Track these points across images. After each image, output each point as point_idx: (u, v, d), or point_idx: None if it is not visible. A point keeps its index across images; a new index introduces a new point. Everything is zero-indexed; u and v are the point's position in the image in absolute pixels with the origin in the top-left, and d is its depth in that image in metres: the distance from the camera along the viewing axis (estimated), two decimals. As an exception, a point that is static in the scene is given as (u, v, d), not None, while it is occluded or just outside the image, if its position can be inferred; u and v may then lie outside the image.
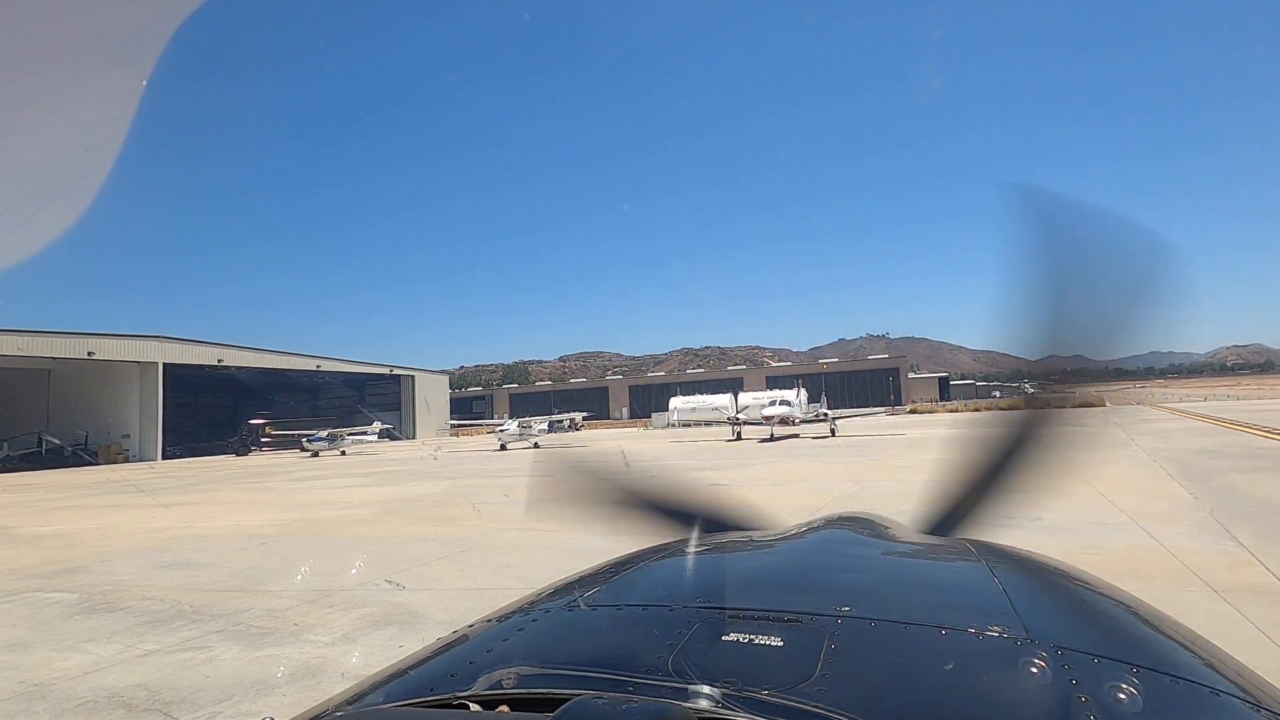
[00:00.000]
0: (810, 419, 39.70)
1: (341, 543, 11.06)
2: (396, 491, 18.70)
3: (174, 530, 13.26)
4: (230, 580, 8.52)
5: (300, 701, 4.60)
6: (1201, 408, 43.28)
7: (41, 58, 1.41)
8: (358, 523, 13.15)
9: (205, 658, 5.62)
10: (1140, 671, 0.96)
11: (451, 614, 6.45)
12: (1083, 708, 0.87)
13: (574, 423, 62.38)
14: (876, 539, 1.86)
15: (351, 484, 22.02)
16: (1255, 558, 7.08)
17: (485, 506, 14.40)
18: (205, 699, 4.75)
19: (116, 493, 23.02)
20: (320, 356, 62.10)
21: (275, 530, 12.66)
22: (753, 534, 2.00)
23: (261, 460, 43.12)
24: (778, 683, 0.95)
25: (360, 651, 5.59)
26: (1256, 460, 15.75)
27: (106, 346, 45.72)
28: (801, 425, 38.93)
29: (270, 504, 17.48)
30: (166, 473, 33.97)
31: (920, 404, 74.22)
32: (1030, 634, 1.06)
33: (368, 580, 8.09)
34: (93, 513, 17.18)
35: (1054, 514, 9.39)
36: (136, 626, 6.64)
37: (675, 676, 0.99)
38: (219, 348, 53.36)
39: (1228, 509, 9.80)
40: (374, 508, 15.31)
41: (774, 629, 1.12)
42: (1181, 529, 8.68)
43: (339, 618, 6.58)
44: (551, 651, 1.20)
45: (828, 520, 2.11)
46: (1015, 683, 0.95)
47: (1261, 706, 0.95)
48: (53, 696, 4.93)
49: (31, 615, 7.29)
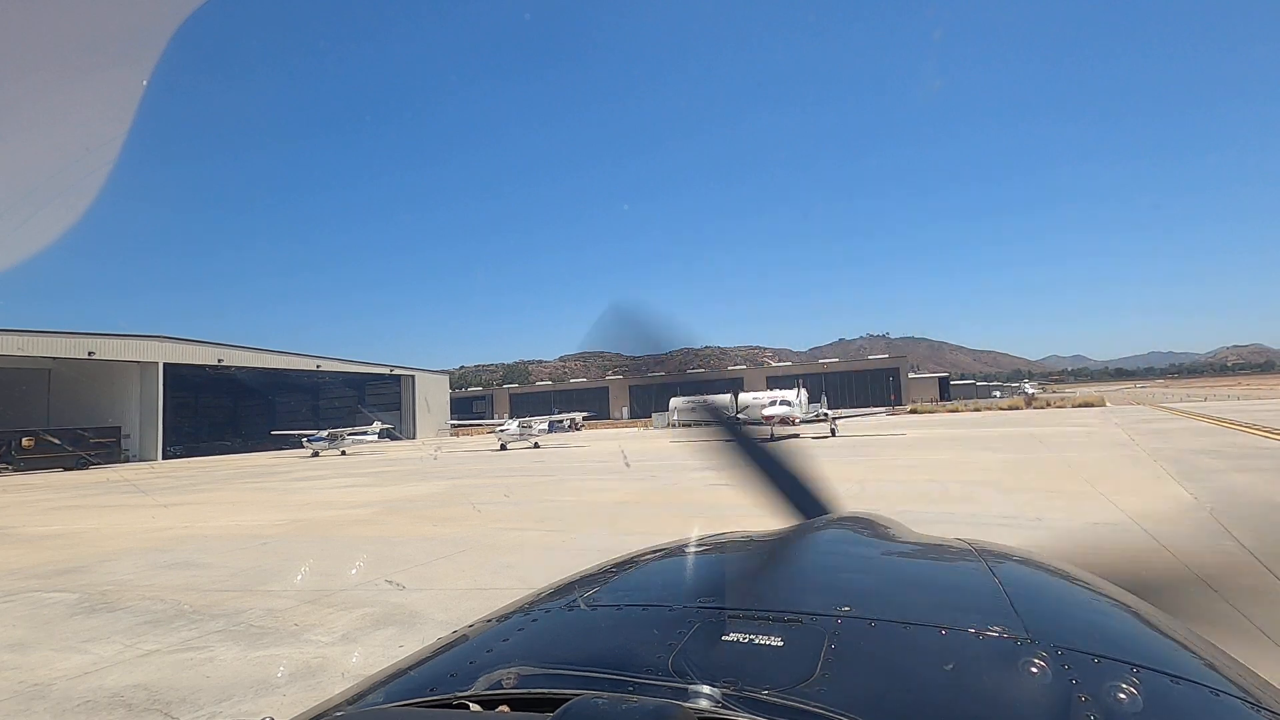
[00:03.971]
0: (810, 419, 39.72)
1: (341, 543, 11.05)
2: (396, 491, 18.69)
3: (174, 530, 13.26)
4: (230, 580, 8.52)
5: (300, 701, 4.59)
6: (1202, 408, 43.25)
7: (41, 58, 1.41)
8: (358, 523, 13.14)
9: (205, 658, 5.62)
10: (1140, 671, 0.96)
11: (451, 614, 6.45)
12: (1083, 708, 0.87)
13: (574, 423, 62.37)
14: (876, 539, 1.86)
15: (351, 484, 22.01)
16: (1255, 558, 7.09)
17: (485, 506, 14.40)
18: (205, 699, 4.75)
19: (116, 493, 23.02)
20: (320, 356, 62.06)
21: (275, 530, 12.66)
22: (753, 534, 2.00)
23: (262, 460, 43.09)
24: (778, 683, 0.95)
25: (360, 651, 5.58)
26: (1258, 460, 15.75)
27: (106, 346, 45.72)
28: (802, 425, 38.92)
29: (270, 504, 17.48)
30: (167, 473, 33.96)
31: (920, 404, 74.16)
32: (1030, 634, 1.06)
33: (368, 580, 8.09)
34: (93, 513, 17.18)
35: (1055, 514, 9.41)
36: (136, 626, 6.64)
37: (675, 676, 0.99)
38: (219, 348, 53.34)
39: (1228, 509, 9.80)
40: (374, 508, 15.30)
41: (774, 629, 1.12)
42: (1182, 529, 8.68)
43: (339, 618, 6.58)
44: (551, 651, 1.20)
45: (828, 520, 2.11)
46: (1015, 683, 0.95)
47: (1261, 706, 0.95)
48: (52, 696, 4.93)
49: (31, 615, 7.29)
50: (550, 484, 19.00)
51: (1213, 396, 63.73)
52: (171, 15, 1.43)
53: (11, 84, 1.38)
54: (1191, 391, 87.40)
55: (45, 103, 1.48)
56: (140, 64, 1.45)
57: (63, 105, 1.51)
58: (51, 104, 1.49)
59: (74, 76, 1.48)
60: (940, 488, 13.89)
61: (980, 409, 65.94)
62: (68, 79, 1.47)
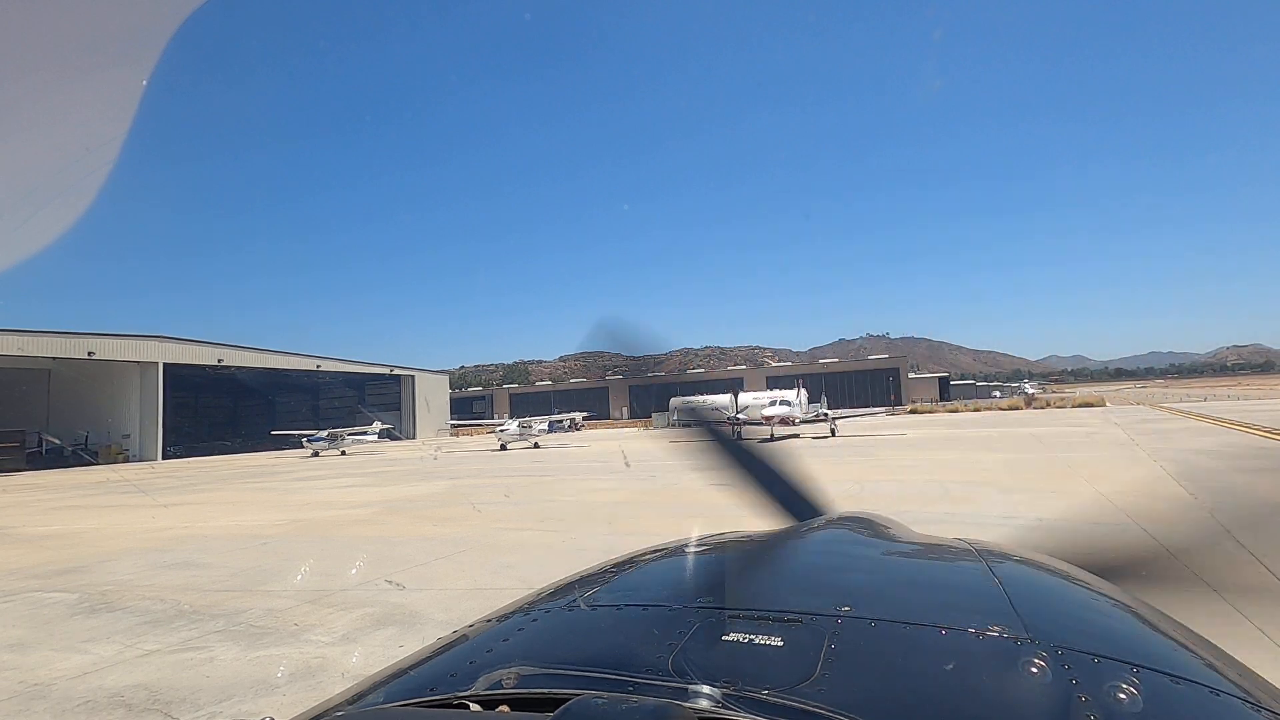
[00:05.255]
0: (810, 419, 39.72)
1: (341, 543, 11.05)
2: (396, 491, 18.70)
3: (174, 530, 13.26)
4: (230, 580, 8.52)
5: (300, 701, 4.59)
6: (1202, 408, 43.25)
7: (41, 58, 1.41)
8: (358, 523, 13.14)
9: (205, 658, 5.62)
10: (1140, 671, 0.96)
11: (451, 614, 6.45)
12: (1083, 708, 0.87)
13: (574, 423, 62.41)
14: (876, 539, 1.86)
15: (351, 484, 22.01)
16: (1255, 557, 7.09)
17: (485, 506, 14.40)
18: (205, 699, 4.75)
19: (117, 493, 23.02)
20: (320, 356, 62.04)
21: (275, 530, 12.66)
22: (753, 534, 2.00)
23: (262, 460, 43.09)
24: (778, 683, 0.95)
25: (360, 651, 5.59)
26: (1259, 460, 15.75)
27: (106, 346, 45.70)
28: (801, 425, 38.93)
29: (270, 504, 17.48)
30: (167, 473, 33.96)
31: (920, 404, 74.16)
32: (1030, 634, 1.06)
33: (368, 580, 8.09)
34: (93, 513, 17.18)
35: (1055, 515, 9.41)
36: (136, 626, 6.64)
37: (675, 676, 0.99)
38: (219, 348, 53.32)
39: (1228, 509, 9.79)
40: (374, 508, 15.31)
41: (774, 629, 1.12)
42: (1182, 529, 8.68)
43: (339, 618, 6.58)
44: (551, 651, 1.20)
45: (828, 520, 2.11)
46: (1015, 683, 0.95)
47: (1262, 706, 0.95)
48: (52, 696, 4.93)
49: (31, 615, 7.29)
50: (550, 484, 19.00)
51: (1212, 396, 63.71)
52: (171, 15, 1.43)
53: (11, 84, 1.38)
54: (1191, 391, 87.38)
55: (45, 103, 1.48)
56: (140, 64, 1.45)
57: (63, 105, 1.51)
58: (51, 104, 1.49)
59: (74, 76, 1.48)
60: (940, 488, 13.90)
61: (980, 409, 65.89)
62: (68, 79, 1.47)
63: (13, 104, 1.42)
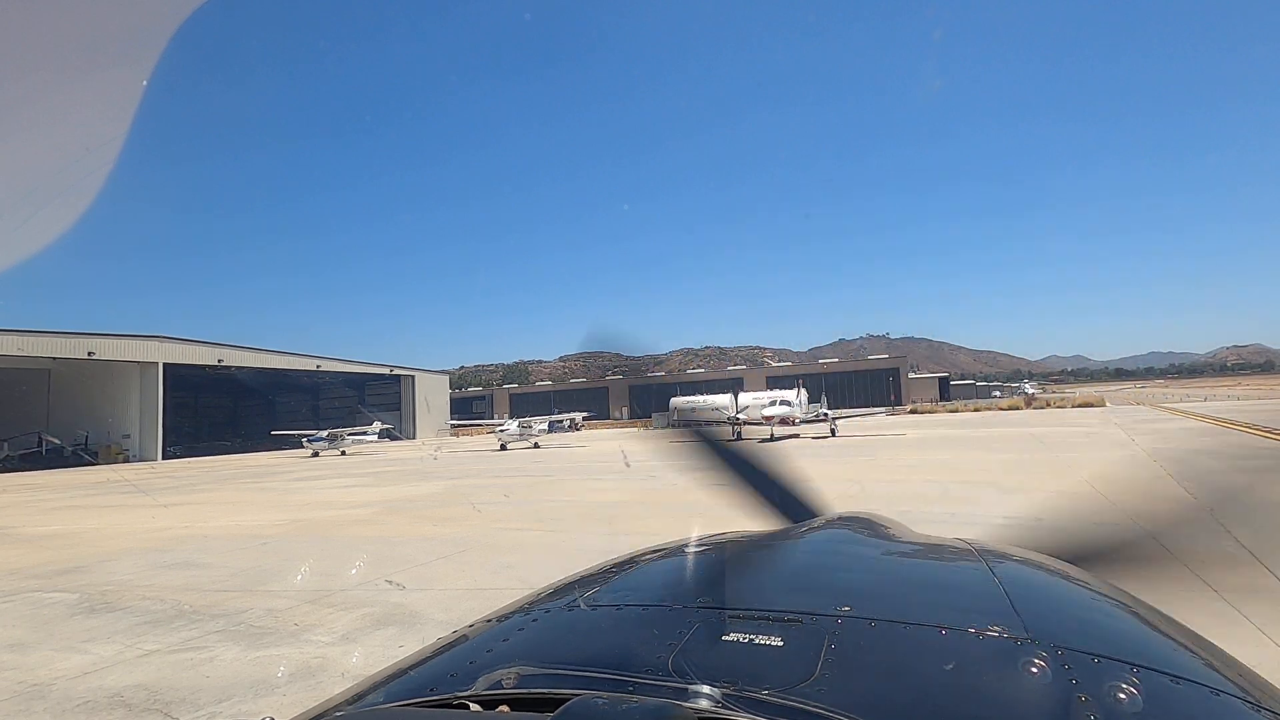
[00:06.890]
0: (810, 419, 39.69)
1: (341, 543, 11.05)
2: (396, 491, 18.70)
3: (174, 530, 13.26)
4: (230, 580, 8.52)
5: (300, 701, 4.59)
6: (1202, 408, 43.25)
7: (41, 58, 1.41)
8: (358, 523, 13.14)
9: (205, 658, 5.62)
10: (1140, 671, 0.96)
11: (451, 614, 6.45)
12: (1083, 708, 0.87)
13: (574, 423, 62.33)
14: (876, 539, 1.86)
15: (351, 484, 22.01)
16: (1255, 557, 7.09)
17: (485, 506, 14.40)
18: (205, 699, 4.75)
19: (117, 493, 23.01)
20: (320, 356, 62.04)
21: (275, 530, 12.66)
22: (753, 534, 2.00)
23: (262, 460, 43.09)
24: (778, 683, 0.95)
25: (360, 651, 5.58)
26: (1260, 460, 15.75)
27: (106, 346, 45.69)
28: (801, 425, 38.92)
29: (270, 504, 17.47)
30: (167, 473, 33.95)
31: (920, 404, 74.14)
32: (1030, 634, 1.06)
33: (368, 580, 8.09)
34: (93, 513, 17.18)
35: (1055, 515, 9.39)
36: (136, 626, 6.64)
37: (675, 676, 0.99)
38: (219, 348, 53.32)
39: (1227, 509, 9.79)
40: (374, 508, 15.30)
41: (774, 629, 1.12)
42: (1181, 529, 8.67)
43: (339, 618, 6.58)
44: (551, 651, 1.20)
45: (828, 520, 2.11)
46: (1015, 683, 0.95)
47: (1261, 706, 0.95)
48: (52, 696, 4.93)
49: (31, 615, 7.29)
50: (550, 484, 19.00)
51: (1212, 396, 63.74)
52: (171, 15, 1.43)
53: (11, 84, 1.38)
54: (1191, 391, 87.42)
55: (45, 103, 1.48)
56: (140, 64, 1.45)
57: (63, 105, 1.51)
58: (51, 104, 1.49)
59: (74, 76, 1.48)
60: (940, 488, 13.89)
61: (980, 409, 65.89)
62: (68, 79, 1.47)
63: (13, 104, 1.42)
